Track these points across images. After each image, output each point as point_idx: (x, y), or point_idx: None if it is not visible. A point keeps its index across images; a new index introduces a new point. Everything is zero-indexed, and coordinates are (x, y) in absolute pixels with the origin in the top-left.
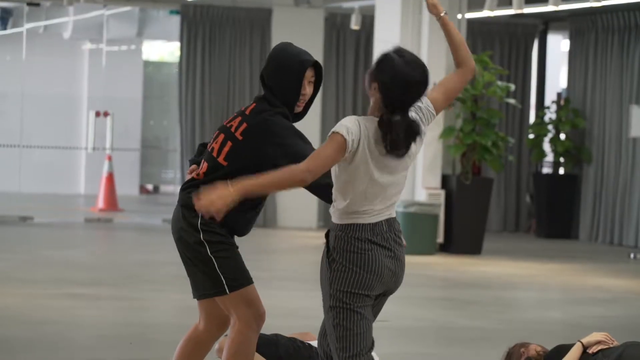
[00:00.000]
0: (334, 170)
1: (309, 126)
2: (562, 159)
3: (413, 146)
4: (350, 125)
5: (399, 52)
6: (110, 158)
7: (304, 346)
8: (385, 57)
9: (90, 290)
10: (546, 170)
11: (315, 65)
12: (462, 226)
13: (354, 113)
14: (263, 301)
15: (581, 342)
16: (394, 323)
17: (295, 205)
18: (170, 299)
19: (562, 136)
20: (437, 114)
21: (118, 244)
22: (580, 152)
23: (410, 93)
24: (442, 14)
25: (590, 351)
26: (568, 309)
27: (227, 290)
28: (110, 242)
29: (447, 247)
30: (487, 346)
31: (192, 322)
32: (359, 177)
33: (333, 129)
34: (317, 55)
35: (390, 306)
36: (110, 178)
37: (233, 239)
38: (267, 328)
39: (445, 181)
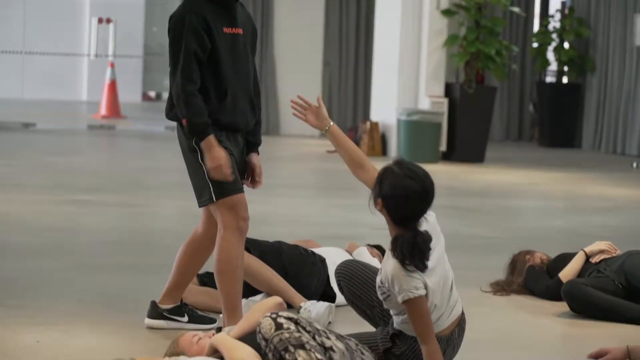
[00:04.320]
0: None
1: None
2: (565, 68)
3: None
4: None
5: (399, 164)
6: (112, 65)
7: (306, 253)
8: (385, 171)
9: (92, 197)
10: (550, 79)
11: None
12: (465, 134)
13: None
14: (265, 208)
15: (584, 251)
16: None
17: None
18: (173, 205)
19: (566, 45)
20: None
21: (120, 150)
22: (584, 61)
23: (411, 204)
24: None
25: (593, 260)
26: (571, 217)
27: (214, 198)
28: (112, 149)
29: (450, 156)
30: (490, 253)
31: (194, 227)
32: None
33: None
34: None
35: None
36: (113, 85)
37: (229, 142)
38: (270, 235)
39: (448, 89)
